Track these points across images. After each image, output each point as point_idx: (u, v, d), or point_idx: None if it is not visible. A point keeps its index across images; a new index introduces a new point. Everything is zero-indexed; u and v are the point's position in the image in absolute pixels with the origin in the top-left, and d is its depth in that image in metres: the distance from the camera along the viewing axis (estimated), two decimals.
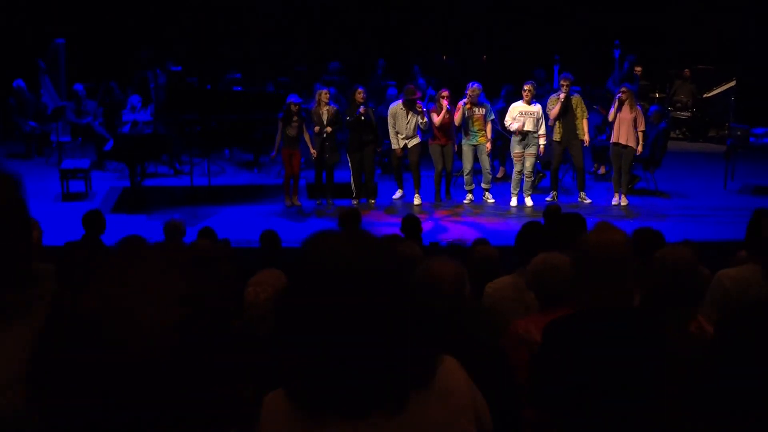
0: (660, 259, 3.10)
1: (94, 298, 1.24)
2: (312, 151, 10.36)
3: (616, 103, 10.40)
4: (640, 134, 10.40)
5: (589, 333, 2.46)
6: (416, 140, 10.57)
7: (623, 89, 10.45)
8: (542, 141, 10.51)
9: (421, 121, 10.42)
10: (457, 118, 10.41)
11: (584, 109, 10.67)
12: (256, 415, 1.69)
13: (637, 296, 2.49)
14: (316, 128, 10.22)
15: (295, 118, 10.26)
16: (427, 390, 1.62)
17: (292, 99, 10.39)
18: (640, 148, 10.43)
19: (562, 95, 10.48)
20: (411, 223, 6.76)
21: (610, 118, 10.55)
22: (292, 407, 1.60)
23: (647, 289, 3.13)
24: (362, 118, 10.26)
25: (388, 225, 9.64)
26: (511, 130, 10.44)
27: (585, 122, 10.61)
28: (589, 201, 10.76)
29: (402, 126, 10.49)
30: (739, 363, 2.35)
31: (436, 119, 10.38)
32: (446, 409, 1.63)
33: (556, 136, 10.59)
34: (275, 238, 6.71)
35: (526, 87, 10.43)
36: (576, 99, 10.64)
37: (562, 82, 10.57)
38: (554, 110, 10.50)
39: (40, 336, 1.31)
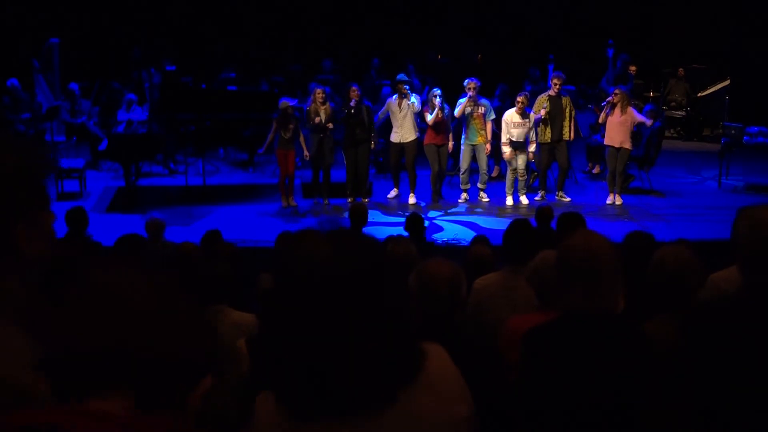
0: (659, 260, 3.07)
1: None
2: (305, 153, 10.38)
3: (607, 106, 10.40)
4: (641, 121, 10.46)
5: (567, 340, 2.46)
6: (413, 136, 10.57)
7: (616, 91, 10.45)
8: (531, 148, 10.57)
9: (410, 104, 10.43)
10: (458, 111, 10.42)
11: (572, 109, 10.69)
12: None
13: (622, 301, 2.47)
14: (317, 119, 10.21)
15: (290, 120, 10.27)
16: (416, 383, 1.61)
17: (286, 100, 10.39)
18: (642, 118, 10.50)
19: (543, 111, 10.46)
20: (414, 221, 6.77)
21: (600, 120, 10.55)
22: (280, 408, 1.61)
23: (641, 291, 3.10)
24: (352, 111, 10.28)
25: (382, 224, 9.65)
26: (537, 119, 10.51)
27: (573, 122, 10.63)
28: (568, 199, 10.80)
29: (398, 119, 10.51)
30: (710, 360, 2.37)
31: (430, 119, 10.37)
32: (438, 399, 1.63)
33: (545, 137, 10.59)
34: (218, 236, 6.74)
35: (519, 99, 10.44)
36: (566, 99, 10.64)
37: (554, 81, 10.58)
38: (542, 113, 10.50)
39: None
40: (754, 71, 14.75)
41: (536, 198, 10.80)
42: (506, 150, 10.52)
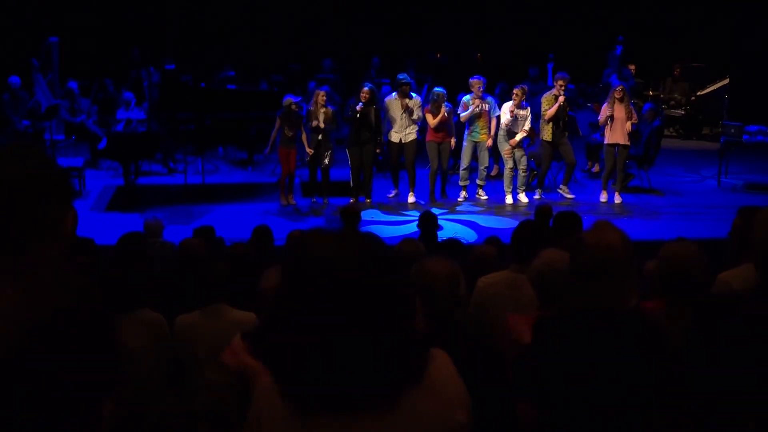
0: (666, 256, 3.07)
1: None
2: (308, 150, 10.35)
3: (609, 101, 10.37)
4: (630, 123, 10.37)
5: (579, 333, 2.46)
6: (412, 135, 10.55)
7: (618, 87, 10.46)
8: (519, 136, 10.50)
9: (415, 113, 10.43)
10: (466, 116, 10.42)
11: (567, 107, 10.67)
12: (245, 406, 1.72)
13: (635, 297, 2.46)
14: (314, 122, 10.21)
15: (294, 118, 10.26)
16: (419, 384, 1.63)
17: (290, 98, 10.38)
18: (629, 124, 10.36)
19: (561, 98, 10.42)
20: (428, 219, 6.76)
21: (601, 120, 10.49)
22: (286, 403, 1.62)
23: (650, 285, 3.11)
24: (358, 115, 10.24)
25: (382, 223, 9.66)
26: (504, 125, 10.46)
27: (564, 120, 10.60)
28: (571, 196, 10.79)
29: (397, 117, 10.50)
30: (714, 355, 2.37)
31: (433, 121, 10.35)
32: (440, 402, 1.65)
33: (548, 136, 10.56)
34: (267, 233, 6.69)
35: (515, 91, 10.42)
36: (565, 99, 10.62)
37: (559, 82, 10.52)
38: (551, 111, 10.44)
39: None
40: (754, 70, 14.75)
41: (535, 197, 10.79)
42: (505, 146, 10.51)
